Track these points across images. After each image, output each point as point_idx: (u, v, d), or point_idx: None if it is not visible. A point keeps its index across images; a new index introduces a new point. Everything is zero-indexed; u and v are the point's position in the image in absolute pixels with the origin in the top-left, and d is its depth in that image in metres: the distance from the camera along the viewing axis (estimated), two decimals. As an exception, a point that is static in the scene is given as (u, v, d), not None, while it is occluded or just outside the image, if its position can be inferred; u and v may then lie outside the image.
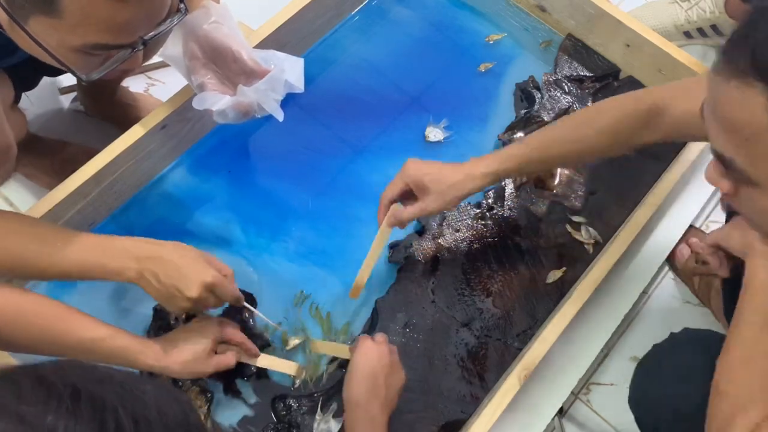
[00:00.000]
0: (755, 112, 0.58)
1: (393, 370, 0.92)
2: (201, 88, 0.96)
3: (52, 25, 0.71)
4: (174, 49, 0.96)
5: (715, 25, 1.44)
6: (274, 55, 0.98)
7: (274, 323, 1.04)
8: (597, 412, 1.15)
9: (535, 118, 1.26)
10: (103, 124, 1.31)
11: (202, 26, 0.94)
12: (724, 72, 0.61)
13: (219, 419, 1.01)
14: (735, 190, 0.66)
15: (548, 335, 1.01)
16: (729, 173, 0.65)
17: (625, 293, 1.18)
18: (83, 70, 0.78)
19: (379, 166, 1.23)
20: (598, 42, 1.33)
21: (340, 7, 1.34)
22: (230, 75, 0.97)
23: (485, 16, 1.39)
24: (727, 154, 0.63)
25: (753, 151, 0.61)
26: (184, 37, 0.96)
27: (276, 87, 0.94)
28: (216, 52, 0.96)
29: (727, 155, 0.63)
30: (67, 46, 0.74)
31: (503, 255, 1.15)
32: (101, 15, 0.70)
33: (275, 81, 0.94)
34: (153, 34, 0.78)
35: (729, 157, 0.63)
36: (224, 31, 0.95)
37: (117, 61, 0.79)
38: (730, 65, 0.60)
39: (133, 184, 1.14)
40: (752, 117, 0.58)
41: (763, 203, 0.65)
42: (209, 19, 0.94)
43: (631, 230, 1.10)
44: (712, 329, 0.92)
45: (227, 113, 0.94)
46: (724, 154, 0.63)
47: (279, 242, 1.15)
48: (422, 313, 1.09)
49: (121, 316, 1.07)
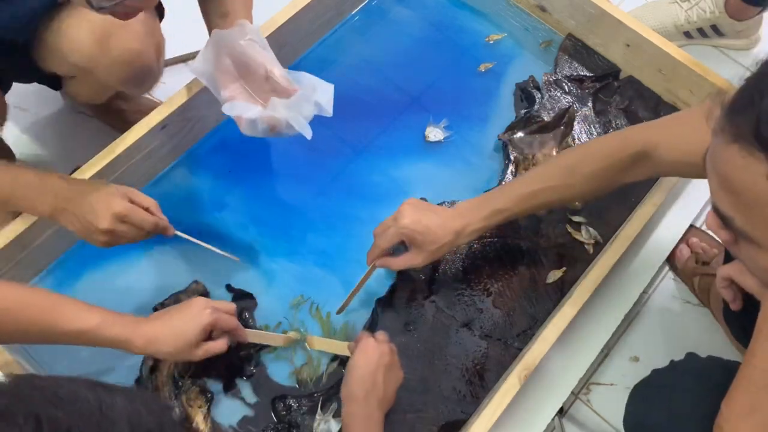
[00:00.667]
0: (756, 181, 0.56)
1: (392, 369, 0.93)
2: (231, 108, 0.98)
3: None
4: (205, 64, 0.97)
5: (716, 25, 1.44)
6: (305, 76, 0.99)
7: (231, 255, 1.05)
8: (597, 412, 1.15)
9: (535, 118, 1.26)
10: (103, 124, 1.31)
11: (238, 42, 0.95)
12: (726, 133, 0.59)
13: (219, 419, 1.01)
14: (735, 240, 0.64)
15: (548, 335, 1.01)
16: (728, 227, 0.63)
17: (625, 293, 1.18)
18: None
19: (379, 166, 1.23)
20: (598, 42, 1.33)
21: (340, 7, 1.34)
22: (260, 92, 0.99)
23: (485, 16, 1.39)
24: (726, 213, 0.62)
25: (753, 216, 0.59)
26: (218, 52, 0.97)
27: (306, 106, 0.95)
28: (249, 68, 0.97)
29: (727, 213, 0.62)
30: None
31: (503, 255, 1.15)
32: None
33: (306, 99, 0.95)
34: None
35: (728, 215, 0.61)
36: (258, 49, 0.96)
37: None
38: (733, 128, 0.58)
39: (133, 184, 1.14)
40: (753, 185, 0.57)
41: (763, 262, 0.63)
42: (245, 36, 0.96)
43: (631, 230, 1.10)
44: (714, 356, 0.89)
45: (257, 125, 0.95)
46: (723, 211, 0.62)
47: (279, 242, 1.15)
48: (422, 313, 1.09)
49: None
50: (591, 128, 1.27)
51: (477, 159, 1.25)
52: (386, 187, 1.21)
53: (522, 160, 1.22)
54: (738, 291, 0.83)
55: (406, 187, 1.21)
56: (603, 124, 1.28)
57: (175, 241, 1.13)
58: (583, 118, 1.28)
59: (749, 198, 0.58)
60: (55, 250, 1.09)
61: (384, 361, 0.92)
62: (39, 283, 1.09)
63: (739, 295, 0.83)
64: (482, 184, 1.22)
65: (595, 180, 0.95)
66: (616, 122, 1.28)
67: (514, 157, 1.22)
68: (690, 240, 1.24)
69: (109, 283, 1.10)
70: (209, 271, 1.11)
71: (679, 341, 1.20)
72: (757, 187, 0.57)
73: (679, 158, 0.89)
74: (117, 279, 1.10)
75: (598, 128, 1.27)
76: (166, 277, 1.11)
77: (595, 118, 1.28)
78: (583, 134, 1.26)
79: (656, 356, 1.18)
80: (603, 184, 0.95)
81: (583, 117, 1.28)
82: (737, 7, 1.41)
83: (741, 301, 0.83)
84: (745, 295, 0.81)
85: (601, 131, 1.27)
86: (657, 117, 1.28)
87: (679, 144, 0.88)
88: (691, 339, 1.20)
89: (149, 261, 1.12)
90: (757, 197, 0.57)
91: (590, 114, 1.28)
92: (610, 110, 1.29)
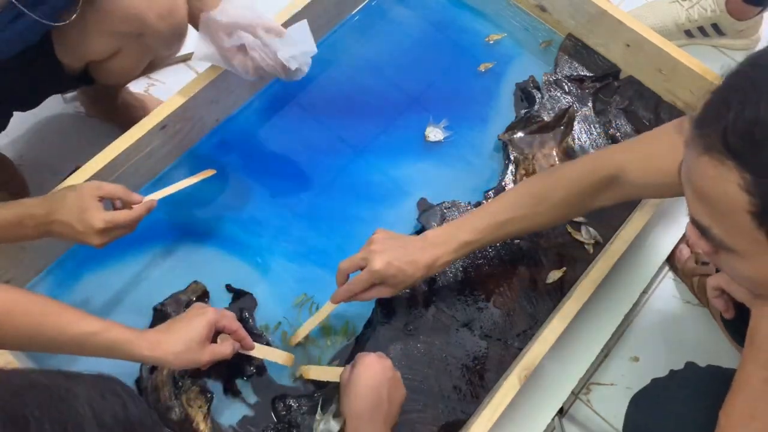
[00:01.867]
0: (728, 190, 0.57)
1: (396, 384, 0.92)
2: (246, 70, 1.05)
3: None
4: (207, 47, 1.05)
5: (716, 24, 1.44)
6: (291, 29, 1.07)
7: (205, 172, 1.10)
8: (597, 412, 1.15)
9: (535, 118, 1.26)
10: (103, 124, 1.31)
11: (225, 18, 1.02)
12: (697, 145, 0.59)
13: (219, 419, 1.01)
14: (715, 250, 0.65)
15: (548, 335, 1.01)
16: (707, 238, 0.64)
17: (625, 293, 1.18)
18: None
19: (379, 166, 1.23)
20: (598, 42, 1.33)
21: (340, 7, 1.34)
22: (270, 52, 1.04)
23: (485, 16, 1.39)
24: (703, 223, 0.62)
25: (728, 225, 0.60)
26: (213, 33, 1.03)
27: (288, 48, 1.04)
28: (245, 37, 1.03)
29: (704, 224, 0.62)
30: None
31: (503, 255, 1.15)
32: None
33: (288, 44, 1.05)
34: None
35: (705, 225, 0.62)
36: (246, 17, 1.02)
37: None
38: (702, 140, 0.59)
39: (133, 184, 1.14)
40: (726, 194, 0.57)
41: (742, 269, 0.64)
42: (228, 11, 1.02)
43: (631, 230, 1.10)
44: (714, 364, 0.89)
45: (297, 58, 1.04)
46: (700, 222, 0.62)
47: (279, 242, 1.15)
48: (422, 313, 1.09)
49: (122, 315, 1.07)
50: (591, 128, 1.27)
51: (477, 159, 1.25)
52: (386, 187, 1.21)
53: (522, 160, 1.22)
54: (729, 300, 0.83)
55: (406, 187, 1.21)
56: (603, 124, 1.28)
57: (175, 241, 1.14)
58: (583, 118, 1.28)
59: (723, 207, 0.59)
60: (55, 250, 1.10)
61: (388, 375, 0.91)
62: (39, 282, 1.09)
63: (731, 304, 0.83)
64: (482, 184, 1.22)
65: (565, 207, 0.95)
66: (616, 122, 1.28)
67: (514, 157, 1.22)
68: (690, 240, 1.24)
69: (109, 283, 1.10)
70: (209, 271, 1.11)
71: (679, 341, 1.20)
72: (729, 196, 0.57)
73: (650, 179, 0.89)
74: (117, 279, 1.10)
75: (598, 128, 1.27)
76: (165, 277, 1.11)
77: (595, 118, 1.28)
78: (583, 134, 1.26)
79: (656, 356, 1.19)
80: (573, 210, 0.96)
81: (583, 117, 1.28)
82: (738, 7, 1.41)
83: (733, 309, 0.84)
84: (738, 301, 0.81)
85: (601, 131, 1.27)
86: (657, 117, 1.29)
87: (650, 164, 0.88)
88: (690, 339, 1.20)
89: (149, 261, 1.12)
90: (730, 206, 0.58)
91: (590, 114, 1.28)
92: (610, 110, 1.29)
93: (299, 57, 1.04)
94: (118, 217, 0.92)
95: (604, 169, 0.91)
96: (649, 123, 1.28)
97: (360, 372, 0.91)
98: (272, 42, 1.03)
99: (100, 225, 0.90)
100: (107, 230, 0.91)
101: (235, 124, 1.25)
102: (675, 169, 0.65)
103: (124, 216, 0.93)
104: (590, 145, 1.26)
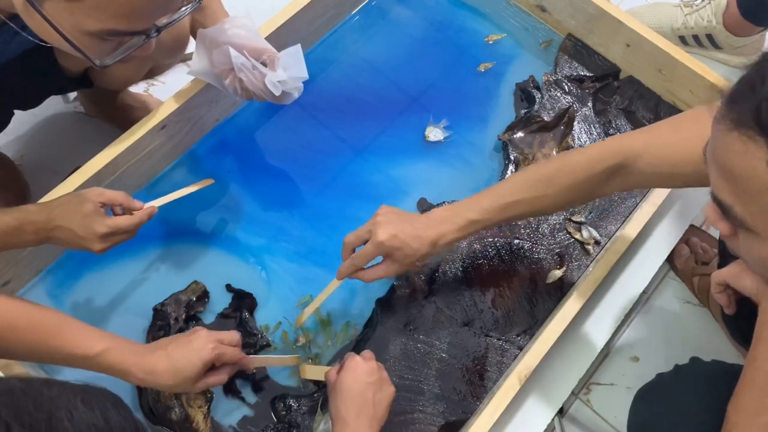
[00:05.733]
0: (756, 167, 0.56)
1: (381, 386, 0.91)
2: (235, 90, 1.03)
3: (68, 8, 0.73)
4: (201, 63, 1.04)
5: (712, 36, 1.42)
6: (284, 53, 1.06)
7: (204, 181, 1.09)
8: (597, 412, 1.15)
9: (535, 118, 1.26)
10: (103, 124, 1.31)
11: (222, 37, 1.00)
12: (727, 121, 0.59)
13: (219, 419, 1.01)
14: (734, 231, 0.64)
15: (548, 335, 1.01)
16: (727, 217, 0.63)
17: (625, 293, 1.18)
18: (97, 55, 0.80)
19: (379, 166, 1.23)
20: (598, 42, 1.33)
21: (340, 7, 1.34)
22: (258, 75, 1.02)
23: (485, 16, 1.40)
24: (725, 201, 0.62)
25: (752, 203, 0.59)
26: (208, 50, 1.02)
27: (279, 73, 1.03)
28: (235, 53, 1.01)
29: (726, 202, 0.62)
30: (81, 30, 0.76)
31: (503, 255, 1.15)
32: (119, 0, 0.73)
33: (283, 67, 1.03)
34: (167, 22, 0.81)
35: (727, 204, 0.61)
36: (241, 38, 1.01)
37: (130, 48, 0.82)
38: (734, 115, 0.58)
39: (133, 184, 1.14)
40: (753, 171, 0.57)
41: (761, 252, 0.63)
42: (225, 32, 1.00)
43: (631, 230, 1.11)
44: (718, 359, 0.89)
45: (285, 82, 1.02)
46: (723, 200, 0.62)
47: (279, 242, 1.15)
48: (422, 312, 1.09)
49: (122, 315, 1.08)
50: (591, 128, 1.27)
51: (477, 159, 1.25)
52: (386, 187, 1.21)
53: (522, 160, 1.22)
54: (732, 295, 0.83)
55: (406, 187, 1.21)
56: (603, 124, 1.28)
57: (175, 241, 1.14)
58: (583, 118, 1.28)
59: (748, 185, 0.58)
60: (55, 250, 1.09)
61: (372, 378, 0.90)
62: (39, 283, 1.09)
63: (734, 300, 0.83)
64: (482, 184, 1.22)
65: (573, 191, 0.94)
66: (616, 122, 1.28)
67: (514, 157, 1.22)
68: (690, 240, 1.24)
69: (109, 283, 1.10)
70: (209, 271, 1.11)
71: (679, 341, 1.20)
72: (757, 173, 0.57)
73: (661, 167, 0.88)
74: (117, 279, 1.10)
75: (598, 128, 1.27)
76: (165, 277, 1.11)
77: (595, 118, 1.28)
78: (583, 134, 1.26)
79: (656, 356, 1.19)
80: (580, 195, 0.95)
81: (583, 117, 1.28)
82: (735, 21, 1.38)
83: (735, 306, 0.83)
84: (741, 299, 0.81)
85: (601, 131, 1.27)
86: (657, 117, 1.29)
87: (661, 152, 0.88)
88: (691, 339, 1.20)
89: (149, 261, 1.12)
90: (756, 183, 0.57)
91: (590, 114, 1.28)
92: (610, 110, 1.29)
93: (289, 82, 1.02)
94: (120, 223, 0.92)
95: (616, 155, 0.90)
96: (648, 123, 1.28)
97: (344, 376, 0.90)
98: (261, 66, 1.01)
99: (102, 230, 0.90)
100: (109, 236, 0.91)
101: (235, 124, 1.25)
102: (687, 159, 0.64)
103: (126, 221, 0.93)
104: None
